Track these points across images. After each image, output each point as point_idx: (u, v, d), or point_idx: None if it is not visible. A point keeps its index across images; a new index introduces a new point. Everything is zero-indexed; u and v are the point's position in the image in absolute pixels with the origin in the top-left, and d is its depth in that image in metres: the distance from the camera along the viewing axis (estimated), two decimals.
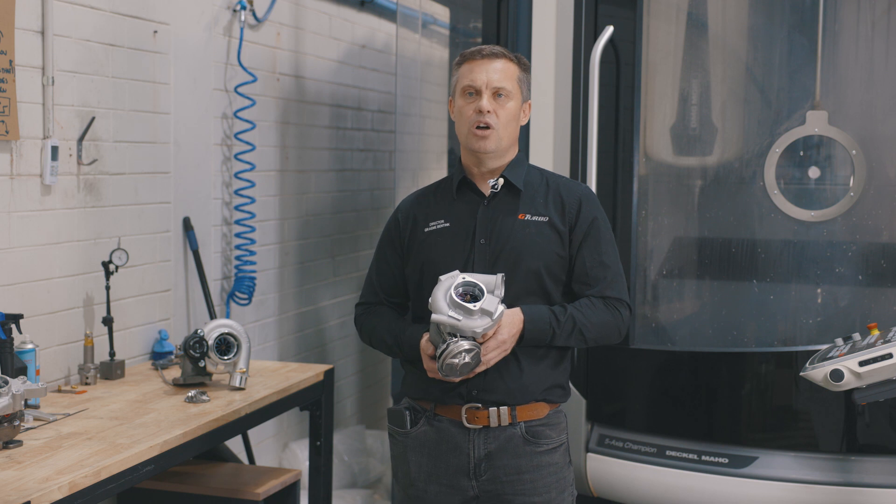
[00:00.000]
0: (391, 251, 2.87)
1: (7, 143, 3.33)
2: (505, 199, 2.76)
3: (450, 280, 2.61)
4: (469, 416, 2.71)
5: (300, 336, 5.21)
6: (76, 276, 3.64)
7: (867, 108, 3.82)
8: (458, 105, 2.76)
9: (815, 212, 3.75)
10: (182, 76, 4.18)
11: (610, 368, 3.82)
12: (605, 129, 3.75)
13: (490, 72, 2.70)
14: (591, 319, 2.71)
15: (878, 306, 3.73)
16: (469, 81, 2.72)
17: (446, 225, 2.77)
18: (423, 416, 2.77)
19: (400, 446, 2.82)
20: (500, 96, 2.71)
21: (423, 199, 2.87)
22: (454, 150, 4.60)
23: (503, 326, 2.63)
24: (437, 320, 2.60)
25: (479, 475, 2.72)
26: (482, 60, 2.72)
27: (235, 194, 4.56)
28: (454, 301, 2.57)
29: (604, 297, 2.73)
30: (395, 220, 2.88)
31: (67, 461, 2.71)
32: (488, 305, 2.57)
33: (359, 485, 5.21)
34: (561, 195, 2.77)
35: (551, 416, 2.76)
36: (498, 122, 2.70)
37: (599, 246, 2.75)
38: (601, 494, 3.81)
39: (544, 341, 2.69)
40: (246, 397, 3.45)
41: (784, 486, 3.50)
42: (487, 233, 2.73)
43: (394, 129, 5.03)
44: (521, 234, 2.72)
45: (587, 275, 2.74)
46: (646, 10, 3.83)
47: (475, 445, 2.71)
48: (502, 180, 2.75)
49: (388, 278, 2.87)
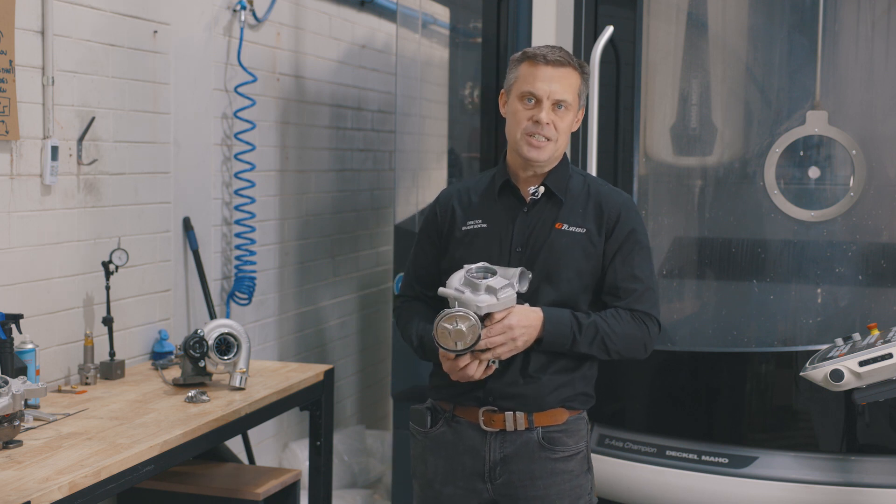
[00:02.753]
0: (428, 243, 2.82)
1: (7, 143, 3.33)
2: (545, 207, 2.71)
3: (471, 266, 2.61)
4: (486, 418, 2.69)
5: (300, 336, 5.21)
6: (76, 276, 3.64)
7: (867, 108, 3.82)
8: (514, 107, 2.68)
9: (815, 212, 3.75)
10: (182, 76, 4.18)
11: (610, 368, 3.82)
12: (605, 129, 3.75)
13: (553, 82, 2.62)
14: (616, 330, 2.65)
15: (878, 306, 3.73)
16: (530, 88, 2.64)
17: (484, 226, 2.73)
18: (442, 416, 2.76)
19: (419, 446, 2.81)
20: (560, 108, 2.64)
21: (464, 194, 2.81)
22: (454, 150, 4.60)
23: (514, 314, 2.57)
24: (442, 293, 2.59)
25: (495, 478, 2.70)
26: (547, 67, 2.63)
27: (235, 194, 4.56)
28: (466, 279, 2.56)
29: (632, 310, 2.68)
30: (433, 212, 2.83)
31: (67, 461, 2.71)
32: (495, 284, 2.54)
33: (359, 485, 5.21)
34: (601, 205, 2.71)
35: (570, 423, 2.72)
36: (556, 133, 2.65)
37: (633, 259, 2.69)
38: (601, 494, 3.80)
39: (565, 346, 2.63)
40: (246, 397, 3.45)
41: (784, 486, 3.49)
42: (523, 241, 2.69)
43: (394, 129, 5.03)
44: (556, 244, 2.67)
45: (617, 287, 2.68)
46: (646, 10, 3.83)
47: (491, 448, 2.70)
48: (543, 189, 2.70)
49: (424, 271, 2.83)
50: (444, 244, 2.78)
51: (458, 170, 4.47)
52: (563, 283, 2.67)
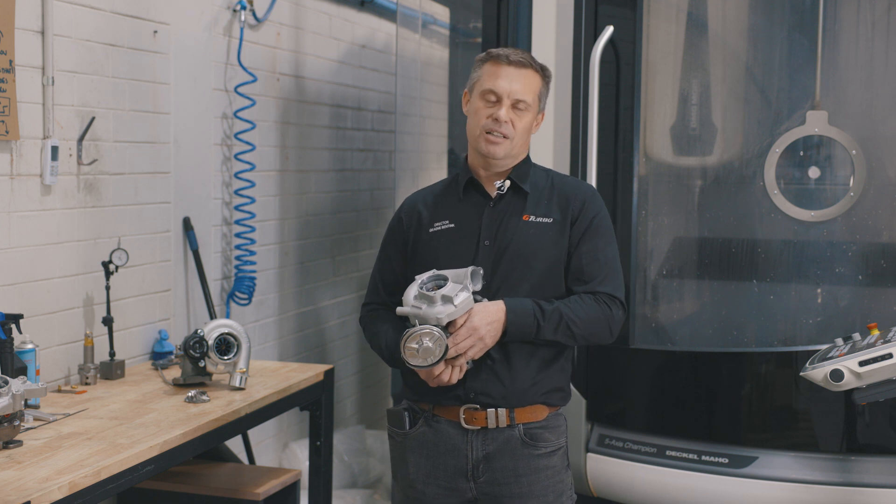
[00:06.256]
0: (394, 250, 2.86)
1: (7, 143, 3.33)
2: (511, 200, 2.76)
3: (422, 276, 2.64)
4: (467, 416, 2.70)
5: (300, 336, 5.21)
6: (76, 276, 3.64)
7: (867, 108, 3.82)
8: (475, 105, 2.74)
9: (815, 212, 3.75)
10: (182, 76, 4.18)
11: (610, 368, 3.83)
12: (605, 129, 3.75)
13: (514, 82, 2.68)
14: (579, 314, 2.67)
15: (878, 306, 3.73)
16: (492, 86, 2.70)
17: (451, 226, 2.77)
18: (421, 416, 2.77)
19: (399, 447, 2.82)
20: (520, 109, 2.69)
21: (428, 199, 2.85)
22: (454, 150, 4.60)
23: (475, 314, 2.60)
24: (401, 312, 2.63)
25: (478, 477, 2.71)
26: (509, 67, 2.70)
27: (235, 194, 4.56)
28: (420, 293, 2.59)
29: (595, 293, 2.70)
30: (398, 219, 2.87)
31: (67, 461, 2.71)
32: (449, 292, 2.57)
33: (359, 485, 5.21)
34: (566, 195, 2.76)
35: (550, 419, 2.75)
36: (513, 132, 2.70)
37: (597, 243, 2.73)
38: (601, 494, 3.81)
39: (530, 335, 2.66)
40: (246, 397, 3.45)
41: (784, 486, 3.50)
42: (491, 235, 2.72)
43: (394, 129, 5.03)
44: (524, 235, 2.71)
45: (582, 271, 2.72)
46: (646, 10, 3.83)
47: (473, 447, 2.71)
48: (509, 182, 2.75)
49: (390, 278, 2.87)
50: (412, 249, 2.81)
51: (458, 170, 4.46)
52: (534, 274, 2.70)
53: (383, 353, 2.81)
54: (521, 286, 2.69)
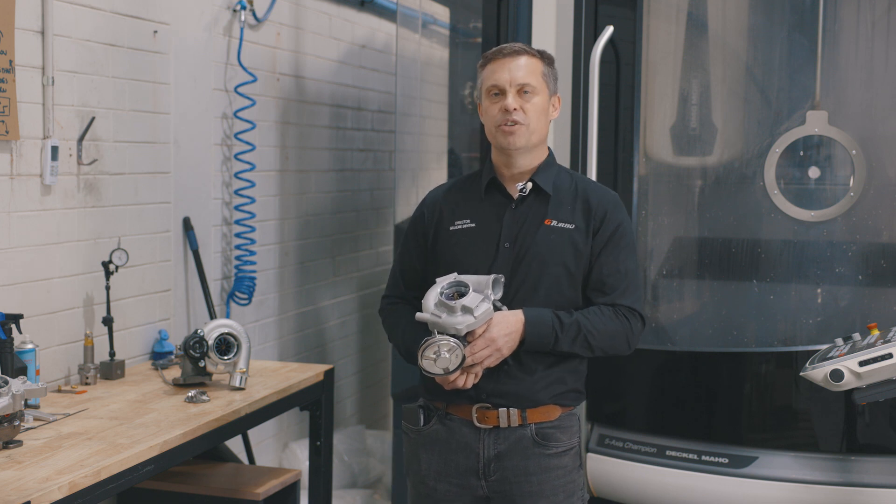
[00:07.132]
0: (414, 245, 2.85)
1: (7, 143, 3.33)
2: (533, 203, 2.74)
3: (443, 281, 2.62)
4: (479, 415, 2.71)
5: (300, 336, 5.22)
6: (76, 276, 3.64)
7: (867, 108, 3.82)
8: (485, 106, 2.74)
9: (815, 212, 3.75)
10: (182, 76, 4.18)
11: (610, 368, 3.82)
12: (605, 129, 3.75)
13: (513, 69, 2.69)
14: (598, 327, 2.67)
15: (878, 306, 3.73)
16: (493, 81, 2.70)
17: (472, 225, 2.75)
18: (435, 414, 2.77)
19: (412, 444, 2.82)
20: (526, 93, 2.69)
21: (451, 195, 2.84)
22: (454, 150, 4.59)
23: (494, 325, 2.60)
24: (420, 318, 2.61)
25: (489, 475, 2.72)
26: (504, 59, 2.70)
27: (235, 194, 4.56)
28: (440, 300, 2.58)
29: (615, 305, 2.70)
30: (420, 213, 2.86)
31: (67, 461, 2.71)
32: (470, 303, 2.56)
33: (359, 485, 5.22)
34: (589, 201, 2.74)
35: (563, 419, 2.74)
36: (526, 117, 2.68)
37: (619, 255, 2.72)
38: (601, 494, 3.81)
39: (547, 346, 2.65)
40: (246, 397, 3.45)
41: (784, 486, 3.50)
42: (512, 237, 2.71)
43: (394, 129, 5.03)
44: (545, 239, 2.69)
45: (603, 282, 2.70)
46: (646, 10, 3.83)
47: (485, 445, 2.71)
48: (531, 184, 2.73)
49: (410, 272, 2.86)
50: (432, 245, 2.80)
51: (458, 170, 4.47)
52: (552, 279, 2.69)
53: (400, 350, 2.82)
54: (538, 290, 2.68)
